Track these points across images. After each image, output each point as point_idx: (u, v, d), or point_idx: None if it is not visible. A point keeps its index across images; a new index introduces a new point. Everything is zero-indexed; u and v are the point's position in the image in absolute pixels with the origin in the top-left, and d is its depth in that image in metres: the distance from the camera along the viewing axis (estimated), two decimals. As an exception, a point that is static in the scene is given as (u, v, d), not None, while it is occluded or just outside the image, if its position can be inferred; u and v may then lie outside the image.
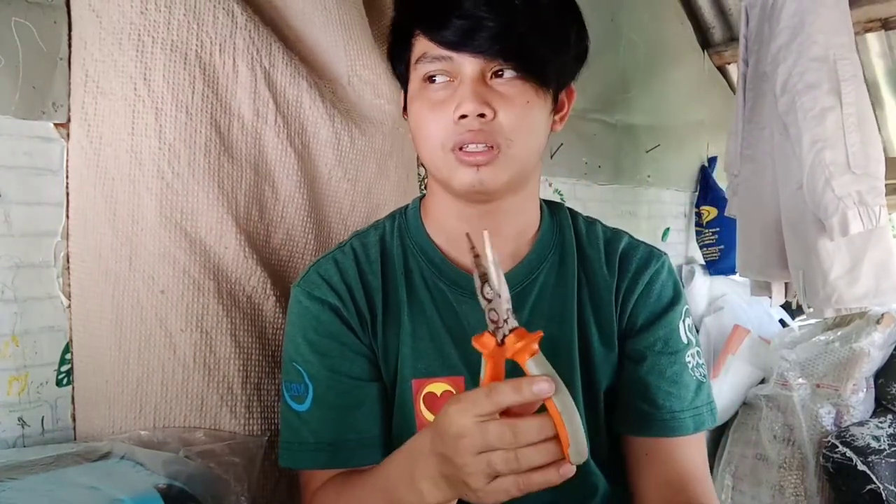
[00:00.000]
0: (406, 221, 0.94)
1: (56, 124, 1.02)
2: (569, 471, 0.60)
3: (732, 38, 2.71)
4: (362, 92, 1.29)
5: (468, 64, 0.78)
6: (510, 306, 0.65)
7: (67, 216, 1.04)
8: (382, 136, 1.33)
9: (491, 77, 0.79)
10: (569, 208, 0.99)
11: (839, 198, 1.76)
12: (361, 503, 0.79)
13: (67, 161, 1.03)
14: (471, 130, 0.77)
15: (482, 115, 0.76)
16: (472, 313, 0.87)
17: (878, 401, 2.16)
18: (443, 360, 0.88)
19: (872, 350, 2.13)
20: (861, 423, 2.05)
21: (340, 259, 0.91)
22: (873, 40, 2.68)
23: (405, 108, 0.89)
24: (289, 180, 1.19)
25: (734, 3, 2.64)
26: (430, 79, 0.81)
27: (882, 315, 2.18)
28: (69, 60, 1.02)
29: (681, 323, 0.92)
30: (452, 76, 0.79)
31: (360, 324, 0.88)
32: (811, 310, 1.96)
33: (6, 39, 0.96)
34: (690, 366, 0.90)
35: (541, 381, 0.60)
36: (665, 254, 0.97)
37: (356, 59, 1.26)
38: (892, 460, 1.92)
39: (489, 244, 0.64)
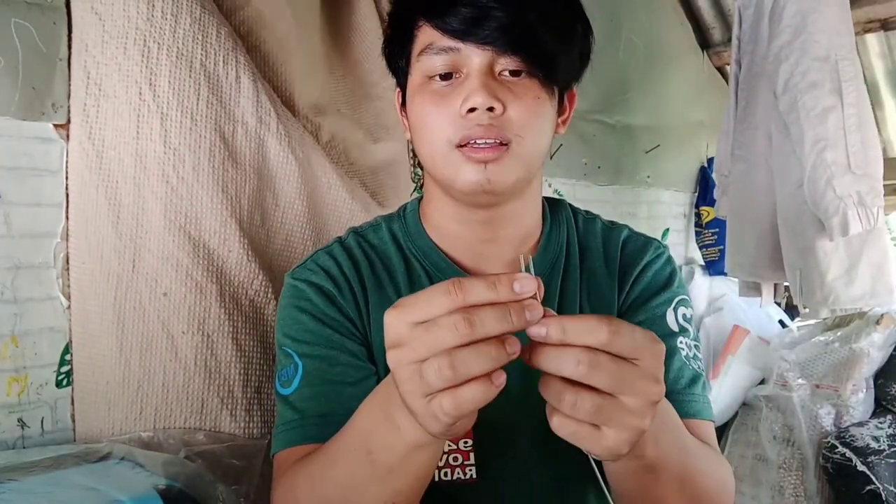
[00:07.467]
0: (406, 225, 0.91)
1: (56, 125, 1.02)
2: (503, 380, 0.48)
3: (732, 39, 2.71)
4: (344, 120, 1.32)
5: (475, 55, 0.74)
6: None
7: (67, 217, 1.04)
8: (371, 154, 1.36)
9: (498, 74, 0.76)
10: (569, 204, 0.97)
11: (840, 198, 1.75)
12: (335, 463, 0.67)
13: (67, 162, 1.03)
14: (480, 125, 0.73)
15: (491, 109, 0.73)
16: None
17: (877, 401, 2.16)
18: None
19: (872, 350, 2.14)
20: (861, 424, 2.05)
21: (338, 252, 0.87)
22: (873, 41, 2.69)
23: (403, 105, 0.84)
24: (289, 187, 1.19)
25: (734, 3, 2.64)
26: (436, 75, 0.77)
27: (882, 316, 2.19)
28: (69, 62, 1.02)
29: (669, 310, 0.87)
30: (458, 70, 0.76)
31: (358, 314, 0.83)
32: (807, 310, 1.95)
33: (6, 40, 0.96)
34: (683, 353, 0.84)
35: (526, 277, 0.48)
36: (664, 245, 0.95)
37: (336, 91, 1.30)
38: (892, 461, 1.92)
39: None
